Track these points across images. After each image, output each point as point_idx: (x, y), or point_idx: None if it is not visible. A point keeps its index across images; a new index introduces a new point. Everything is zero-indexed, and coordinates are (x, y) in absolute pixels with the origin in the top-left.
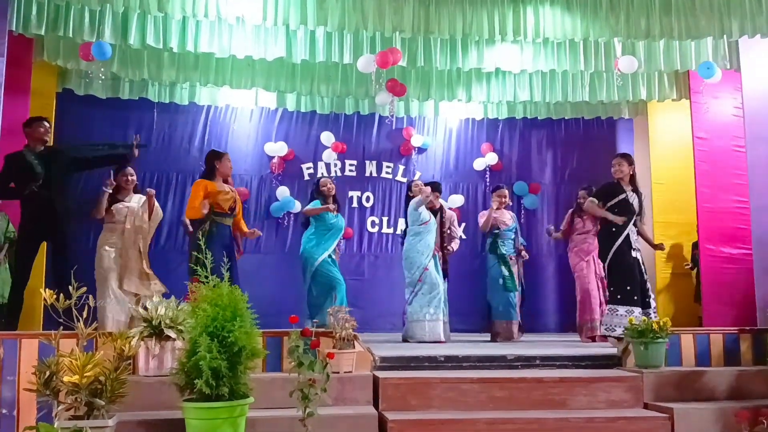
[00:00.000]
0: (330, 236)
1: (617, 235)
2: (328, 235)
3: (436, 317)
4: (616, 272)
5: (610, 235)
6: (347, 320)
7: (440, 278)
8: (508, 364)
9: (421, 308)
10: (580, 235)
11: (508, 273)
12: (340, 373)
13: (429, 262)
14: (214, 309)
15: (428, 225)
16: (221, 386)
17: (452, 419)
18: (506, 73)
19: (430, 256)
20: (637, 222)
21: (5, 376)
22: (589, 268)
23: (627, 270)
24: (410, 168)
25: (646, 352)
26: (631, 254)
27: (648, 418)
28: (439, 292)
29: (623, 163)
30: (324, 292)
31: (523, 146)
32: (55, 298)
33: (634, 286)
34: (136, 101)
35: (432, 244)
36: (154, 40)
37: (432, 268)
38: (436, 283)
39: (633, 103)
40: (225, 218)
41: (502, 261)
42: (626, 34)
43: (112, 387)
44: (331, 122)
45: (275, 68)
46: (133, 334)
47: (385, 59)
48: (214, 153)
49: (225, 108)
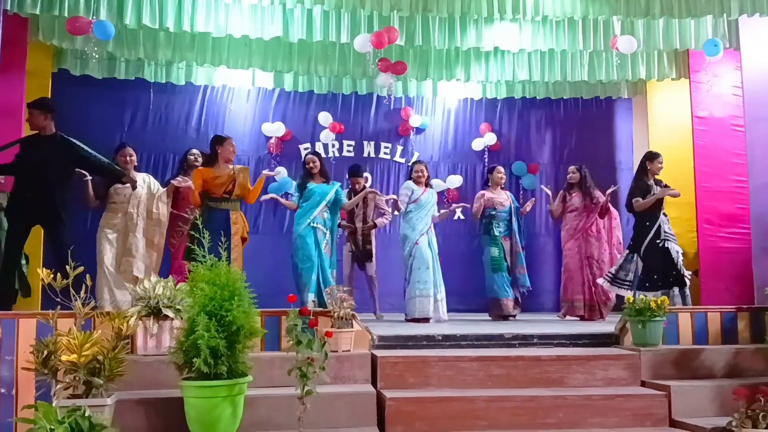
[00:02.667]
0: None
1: (650, 228)
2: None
3: (426, 293)
4: (646, 261)
5: (643, 228)
6: (345, 300)
7: (432, 255)
8: (505, 342)
9: (412, 285)
10: (570, 213)
11: (497, 254)
12: (338, 352)
13: (421, 237)
14: (212, 288)
15: (419, 202)
16: (220, 365)
17: (450, 397)
18: (505, 53)
19: (423, 232)
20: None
21: (3, 355)
22: (575, 245)
23: (656, 259)
24: (408, 148)
25: (643, 331)
26: (663, 244)
27: (645, 395)
28: (428, 268)
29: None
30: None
31: (521, 126)
32: (52, 277)
33: (663, 274)
34: (133, 81)
35: (425, 220)
36: (150, 20)
37: (423, 244)
38: (425, 259)
39: (632, 83)
40: (220, 203)
41: (493, 242)
42: (626, 13)
43: (111, 366)
44: (328, 102)
45: (272, 48)
46: (131, 313)
47: (380, 39)
48: (216, 138)
49: (222, 88)
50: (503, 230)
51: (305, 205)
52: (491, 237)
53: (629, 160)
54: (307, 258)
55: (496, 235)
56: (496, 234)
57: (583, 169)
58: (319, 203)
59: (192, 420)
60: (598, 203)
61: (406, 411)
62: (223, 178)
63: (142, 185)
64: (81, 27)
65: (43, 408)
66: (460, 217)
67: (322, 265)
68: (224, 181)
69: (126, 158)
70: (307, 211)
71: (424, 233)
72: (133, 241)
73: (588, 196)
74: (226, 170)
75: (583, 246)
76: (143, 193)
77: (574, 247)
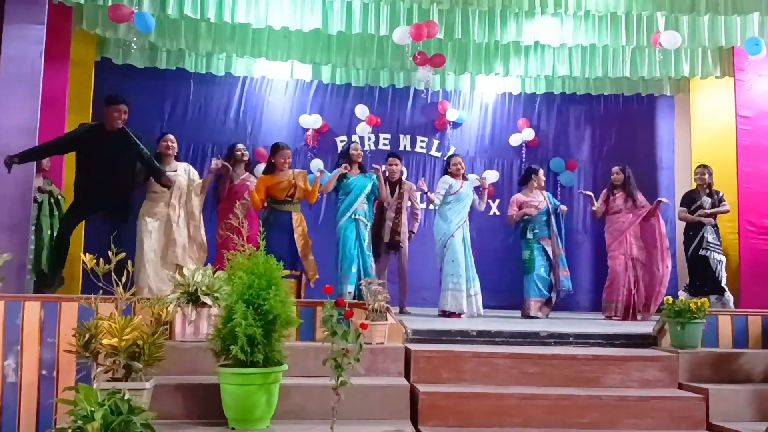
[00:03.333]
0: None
1: (693, 237)
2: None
3: (459, 287)
4: (691, 269)
5: (688, 238)
6: (380, 292)
7: (465, 249)
8: (541, 340)
9: (445, 278)
10: (613, 215)
11: (527, 256)
12: (372, 345)
13: (456, 230)
14: (249, 277)
15: (458, 195)
16: (256, 353)
17: (484, 393)
18: (545, 47)
19: (459, 226)
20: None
21: (45, 338)
22: (620, 248)
23: (699, 267)
24: (445, 143)
25: (682, 332)
26: (704, 253)
27: (682, 398)
28: (462, 262)
29: (705, 173)
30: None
31: (560, 122)
32: (95, 262)
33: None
34: (173, 71)
35: (462, 213)
36: (192, 11)
37: (458, 238)
38: (459, 252)
39: (675, 80)
40: (283, 205)
41: (527, 244)
42: (670, 8)
43: (150, 351)
44: (365, 95)
45: (311, 40)
46: (170, 300)
47: (419, 31)
48: (273, 147)
49: (261, 79)
50: (539, 232)
51: (346, 198)
52: (525, 240)
53: (670, 158)
54: (348, 251)
55: (529, 238)
56: (530, 237)
57: (627, 169)
58: (359, 196)
59: (228, 406)
60: (642, 206)
61: (439, 405)
62: (284, 183)
63: (183, 175)
64: (122, 15)
65: (84, 390)
66: (495, 213)
67: (363, 258)
68: (285, 186)
69: (167, 143)
70: (349, 204)
71: (460, 227)
72: (175, 230)
73: (631, 198)
74: (285, 176)
75: (626, 248)
76: (184, 183)
77: (618, 249)
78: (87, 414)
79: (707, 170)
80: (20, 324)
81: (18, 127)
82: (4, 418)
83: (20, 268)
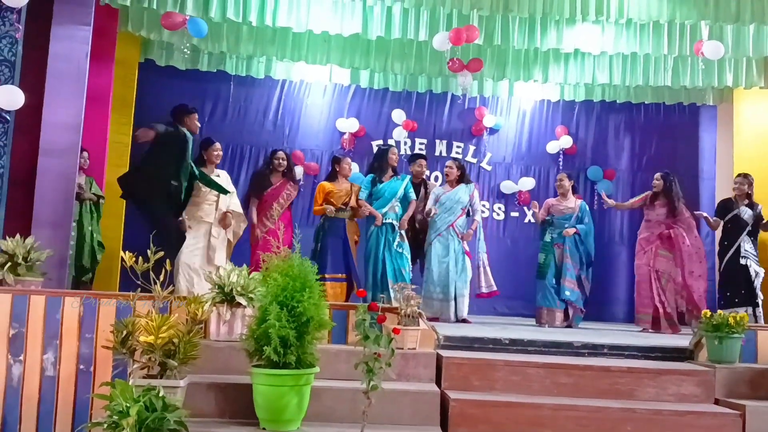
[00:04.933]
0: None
1: (729, 247)
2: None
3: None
4: (724, 279)
5: (723, 248)
6: (412, 297)
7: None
8: (574, 351)
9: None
10: (646, 222)
11: (542, 260)
12: (404, 350)
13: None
14: (284, 279)
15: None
16: (289, 354)
17: (515, 402)
18: (585, 55)
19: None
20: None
21: (84, 333)
22: (645, 259)
23: (732, 277)
24: (481, 149)
25: (720, 347)
26: (740, 262)
27: (719, 414)
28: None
29: (744, 182)
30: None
31: (599, 130)
32: (134, 260)
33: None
34: (214, 73)
35: (445, 219)
36: (234, 14)
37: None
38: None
39: (718, 90)
40: (337, 212)
41: (543, 247)
42: (714, 17)
43: (185, 349)
44: (403, 100)
45: (350, 44)
46: (206, 299)
47: (458, 36)
48: (335, 158)
49: (299, 83)
50: (558, 237)
51: (376, 203)
52: (543, 242)
53: (711, 170)
54: (373, 256)
55: (547, 240)
56: (548, 240)
57: (670, 176)
58: (389, 200)
59: (259, 407)
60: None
61: (470, 413)
62: (342, 192)
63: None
64: (175, 23)
65: (120, 386)
66: (530, 221)
67: (392, 261)
68: (342, 195)
69: (217, 152)
70: (378, 209)
71: (436, 234)
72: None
73: (672, 208)
74: (344, 185)
75: (650, 257)
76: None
77: (642, 258)
78: (122, 410)
79: (747, 179)
80: (60, 319)
81: (63, 124)
82: (42, 410)
83: (61, 264)
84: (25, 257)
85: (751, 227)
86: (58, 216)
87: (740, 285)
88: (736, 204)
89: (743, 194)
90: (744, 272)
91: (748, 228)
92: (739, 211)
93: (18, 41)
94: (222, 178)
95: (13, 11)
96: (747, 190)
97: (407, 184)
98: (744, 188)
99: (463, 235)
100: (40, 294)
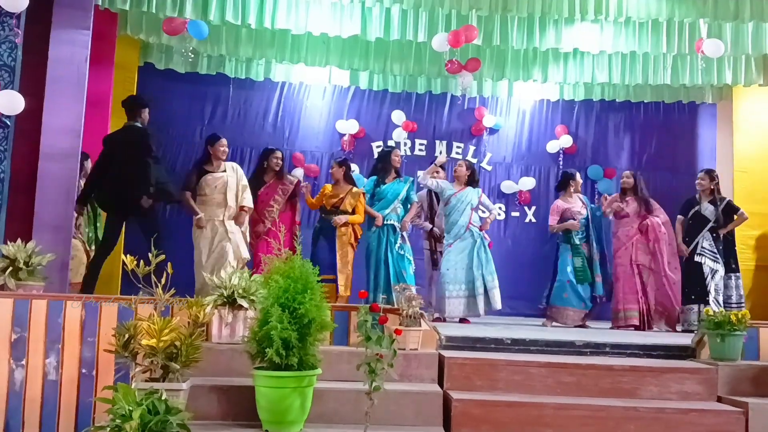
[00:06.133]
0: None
1: (689, 244)
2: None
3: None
4: (685, 275)
5: (685, 244)
6: (414, 298)
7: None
8: (576, 350)
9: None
10: (621, 219)
11: (580, 264)
12: (405, 350)
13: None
14: (286, 281)
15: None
16: (291, 356)
17: (518, 402)
18: (584, 54)
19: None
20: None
21: (86, 337)
22: (626, 254)
23: (690, 274)
24: (481, 149)
25: (722, 345)
26: (698, 259)
27: (721, 411)
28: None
29: (705, 178)
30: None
31: (599, 129)
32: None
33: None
34: (214, 76)
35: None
36: (233, 16)
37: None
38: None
39: (717, 88)
40: (329, 214)
41: (575, 251)
42: (713, 15)
43: (187, 352)
44: (402, 101)
45: (349, 46)
46: (207, 302)
47: (457, 37)
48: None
49: (299, 85)
50: (583, 237)
51: (378, 205)
52: (572, 245)
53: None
54: (373, 258)
55: (576, 243)
56: (577, 242)
57: (639, 175)
58: (392, 202)
59: (262, 408)
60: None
61: (472, 413)
62: (334, 195)
63: (232, 174)
64: (176, 27)
65: (122, 389)
66: (531, 220)
67: (393, 263)
68: (331, 197)
69: (224, 148)
70: (380, 210)
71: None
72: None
73: (644, 204)
74: (344, 189)
75: (632, 253)
76: (234, 182)
77: (624, 256)
78: (125, 413)
79: (710, 175)
80: (62, 323)
81: (63, 128)
82: (44, 414)
83: (62, 268)
84: (27, 262)
85: (715, 223)
86: (59, 220)
87: (695, 282)
88: (699, 201)
89: (706, 191)
90: (698, 269)
91: (710, 225)
92: (701, 207)
93: (18, 46)
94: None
95: (13, 16)
96: (710, 186)
97: (410, 186)
98: (705, 184)
99: (481, 226)
100: (42, 298)
